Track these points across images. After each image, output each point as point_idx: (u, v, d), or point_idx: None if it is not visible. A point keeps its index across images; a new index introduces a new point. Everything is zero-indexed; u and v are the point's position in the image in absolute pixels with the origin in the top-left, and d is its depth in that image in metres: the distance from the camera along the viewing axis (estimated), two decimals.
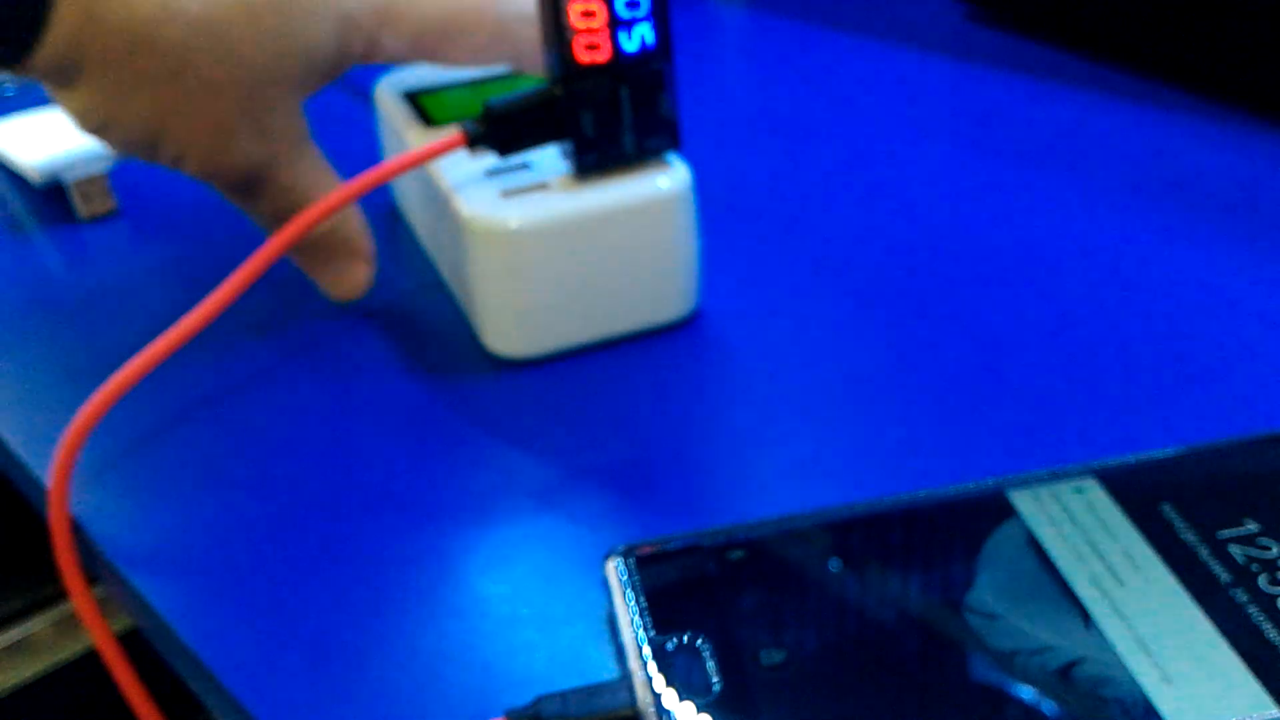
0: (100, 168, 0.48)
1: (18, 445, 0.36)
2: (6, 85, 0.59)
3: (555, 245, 0.36)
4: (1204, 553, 0.27)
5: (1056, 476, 0.30)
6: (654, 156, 0.36)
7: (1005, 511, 0.29)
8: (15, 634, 0.72)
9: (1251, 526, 0.28)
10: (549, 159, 0.38)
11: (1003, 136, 0.49)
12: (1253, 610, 0.26)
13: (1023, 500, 0.29)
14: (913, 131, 0.50)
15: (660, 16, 0.35)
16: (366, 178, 0.36)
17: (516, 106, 0.36)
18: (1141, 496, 0.29)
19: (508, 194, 0.36)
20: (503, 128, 0.36)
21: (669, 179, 0.36)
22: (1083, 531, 0.28)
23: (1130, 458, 0.30)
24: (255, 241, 0.41)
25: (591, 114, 0.35)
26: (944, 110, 0.52)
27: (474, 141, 0.36)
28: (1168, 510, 0.28)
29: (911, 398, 0.35)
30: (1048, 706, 0.24)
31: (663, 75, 0.36)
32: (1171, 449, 0.30)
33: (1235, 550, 0.27)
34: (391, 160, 0.36)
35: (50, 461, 0.34)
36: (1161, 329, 0.37)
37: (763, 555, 0.28)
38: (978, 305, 0.39)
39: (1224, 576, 0.27)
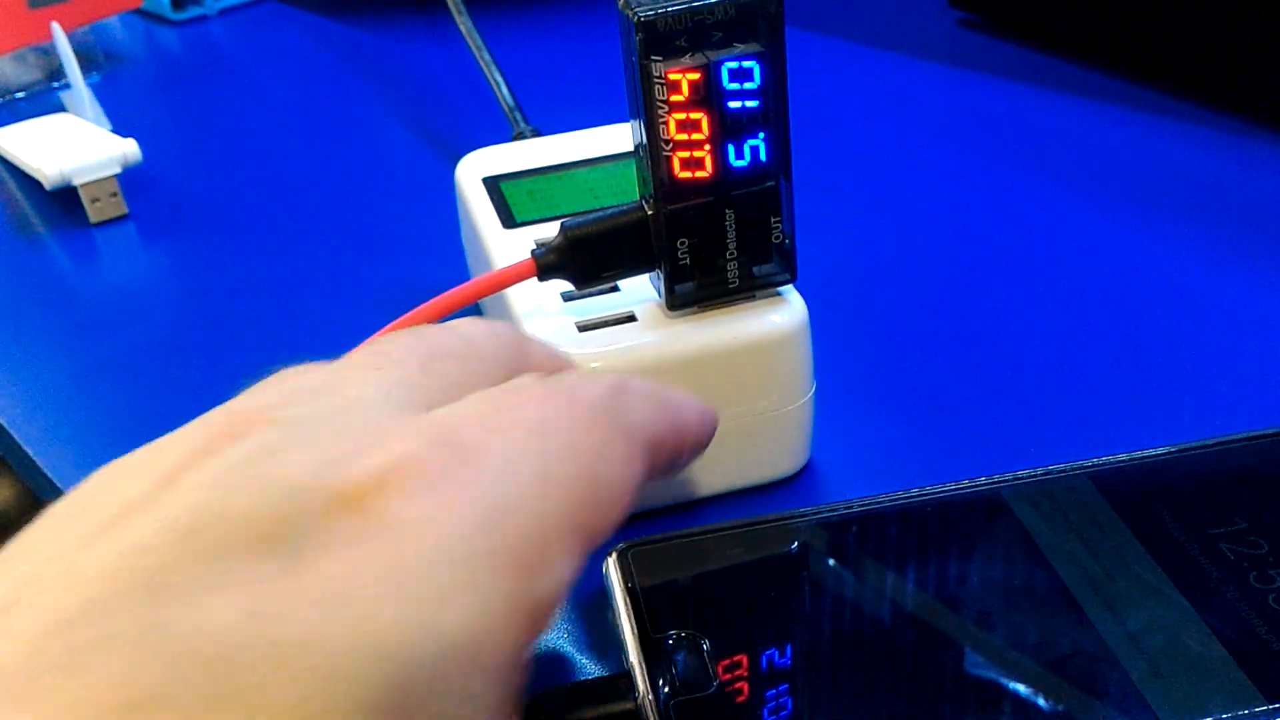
0: (110, 172, 0.50)
1: (30, 445, 0.36)
2: (18, 91, 0.63)
3: None
4: (1195, 550, 0.28)
5: (1050, 476, 0.30)
6: (763, 288, 0.32)
7: (1000, 510, 0.29)
8: None
9: (1241, 524, 0.28)
10: (637, 282, 0.33)
11: (996, 141, 0.50)
12: (1242, 606, 0.26)
13: (1017, 499, 0.30)
14: (905, 137, 0.52)
15: (778, 126, 0.30)
16: (428, 309, 0.32)
17: (598, 229, 0.32)
18: (1133, 496, 0.29)
19: (586, 326, 0.32)
20: (580, 255, 0.32)
21: (781, 315, 0.32)
22: (1076, 530, 0.29)
23: (1123, 457, 0.31)
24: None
25: (688, 240, 0.31)
26: (938, 116, 0.53)
27: (545, 271, 0.32)
28: (1159, 509, 0.29)
29: (911, 397, 0.37)
30: (1042, 700, 0.25)
31: (778, 195, 0.31)
32: (1162, 449, 0.31)
33: (1225, 547, 0.28)
34: (454, 292, 0.32)
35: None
36: (1151, 329, 0.39)
37: (760, 552, 0.29)
38: (970, 307, 0.41)
39: (1214, 573, 0.27)
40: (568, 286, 0.33)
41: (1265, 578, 0.27)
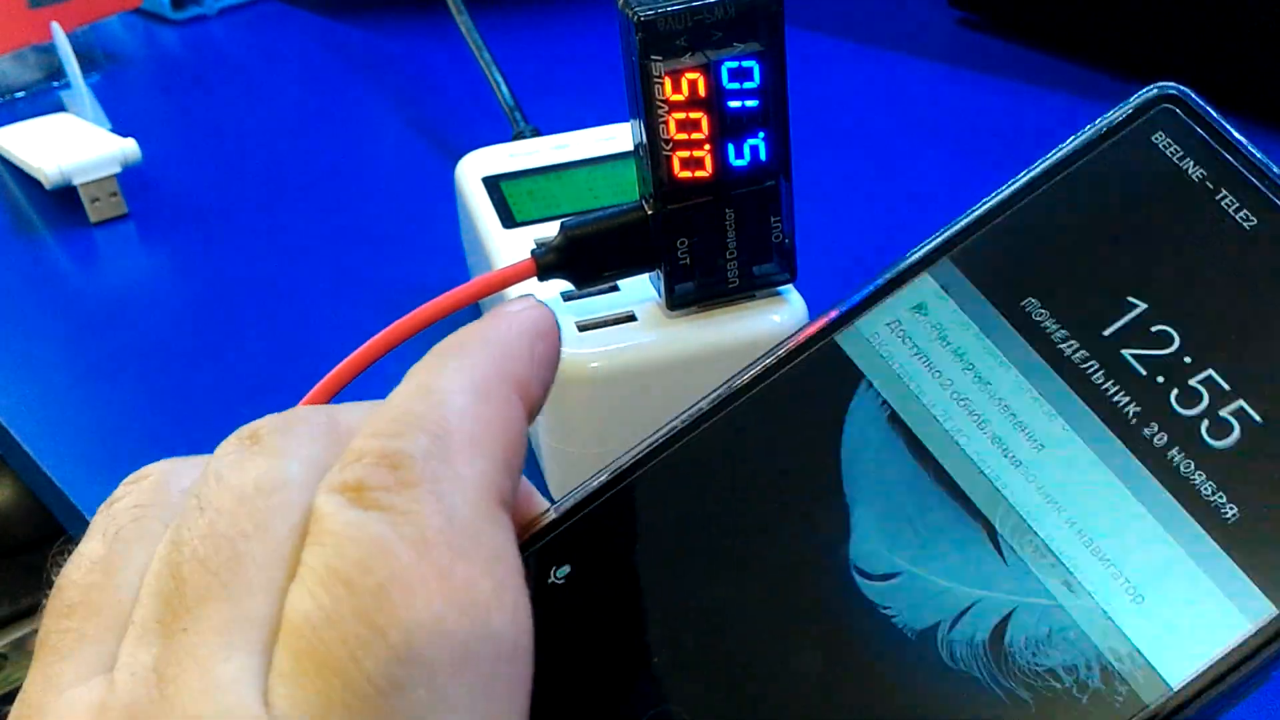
0: (109, 172, 0.50)
1: (29, 444, 0.36)
2: (18, 91, 0.63)
3: (641, 391, 0.31)
4: (1093, 369, 0.20)
5: (889, 290, 0.22)
6: (763, 288, 0.32)
7: (850, 380, 0.21)
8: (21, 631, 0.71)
9: (1139, 306, 0.20)
10: (637, 282, 0.33)
11: (996, 141, 0.51)
12: (1172, 451, 0.19)
13: (861, 354, 0.21)
14: (905, 137, 0.52)
15: (778, 126, 0.30)
16: (429, 309, 0.31)
17: (598, 229, 0.32)
18: (1001, 289, 0.21)
19: (586, 326, 0.32)
20: (580, 255, 0.32)
21: (781, 315, 0.32)
22: (941, 377, 0.20)
23: (970, 226, 0.23)
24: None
25: (688, 240, 0.31)
26: (937, 116, 0.53)
27: (545, 271, 0.32)
28: (1035, 309, 0.20)
29: None
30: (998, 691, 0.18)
31: (778, 195, 0.31)
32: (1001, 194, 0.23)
33: (1129, 355, 0.20)
34: (454, 292, 0.32)
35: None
36: None
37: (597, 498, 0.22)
38: None
39: (1125, 405, 0.19)
40: (568, 286, 0.33)
41: (1188, 394, 0.19)
